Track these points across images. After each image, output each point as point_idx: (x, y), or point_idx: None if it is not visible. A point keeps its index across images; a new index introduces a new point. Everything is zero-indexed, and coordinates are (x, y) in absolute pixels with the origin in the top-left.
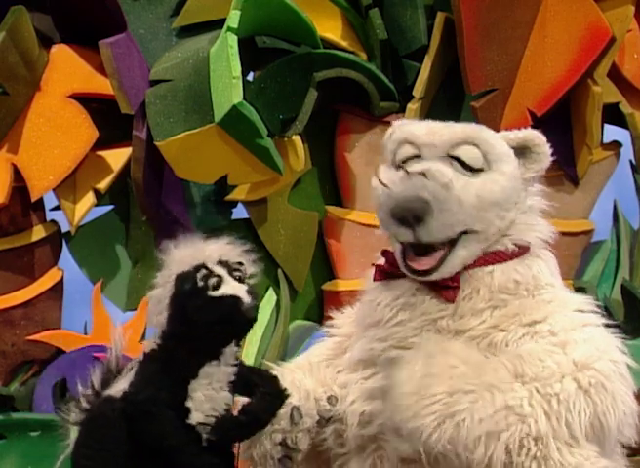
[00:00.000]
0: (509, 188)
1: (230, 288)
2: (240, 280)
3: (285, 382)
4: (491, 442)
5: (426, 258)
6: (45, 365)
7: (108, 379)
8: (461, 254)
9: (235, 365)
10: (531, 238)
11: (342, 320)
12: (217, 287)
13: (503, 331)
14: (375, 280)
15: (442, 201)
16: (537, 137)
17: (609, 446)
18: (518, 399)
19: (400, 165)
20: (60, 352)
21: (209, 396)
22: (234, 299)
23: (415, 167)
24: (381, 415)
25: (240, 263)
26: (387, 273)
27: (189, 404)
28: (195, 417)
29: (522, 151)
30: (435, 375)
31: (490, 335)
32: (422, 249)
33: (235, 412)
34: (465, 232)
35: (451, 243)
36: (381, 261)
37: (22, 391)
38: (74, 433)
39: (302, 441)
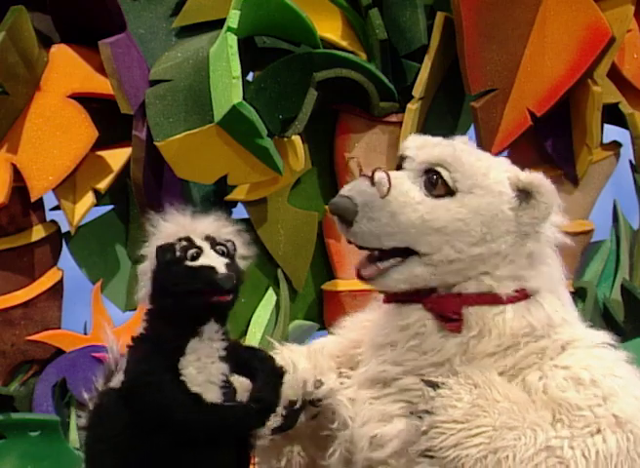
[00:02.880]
0: (467, 222)
1: (208, 259)
2: (222, 254)
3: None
4: None
5: (371, 266)
6: (45, 365)
7: (109, 379)
8: (404, 272)
9: (224, 340)
10: (535, 283)
11: (353, 325)
12: (195, 258)
13: (536, 370)
14: (385, 302)
15: (372, 209)
16: (541, 185)
17: None
18: (560, 440)
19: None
20: (59, 352)
21: (200, 368)
22: (209, 269)
23: (368, 171)
24: (398, 439)
25: (227, 240)
26: (398, 298)
27: (183, 378)
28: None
29: (526, 194)
30: (481, 407)
31: (522, 373)
32: (375, 258)
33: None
34: (413, 252)
35: (402, 259)
36: None
37: (22, 391)
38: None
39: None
